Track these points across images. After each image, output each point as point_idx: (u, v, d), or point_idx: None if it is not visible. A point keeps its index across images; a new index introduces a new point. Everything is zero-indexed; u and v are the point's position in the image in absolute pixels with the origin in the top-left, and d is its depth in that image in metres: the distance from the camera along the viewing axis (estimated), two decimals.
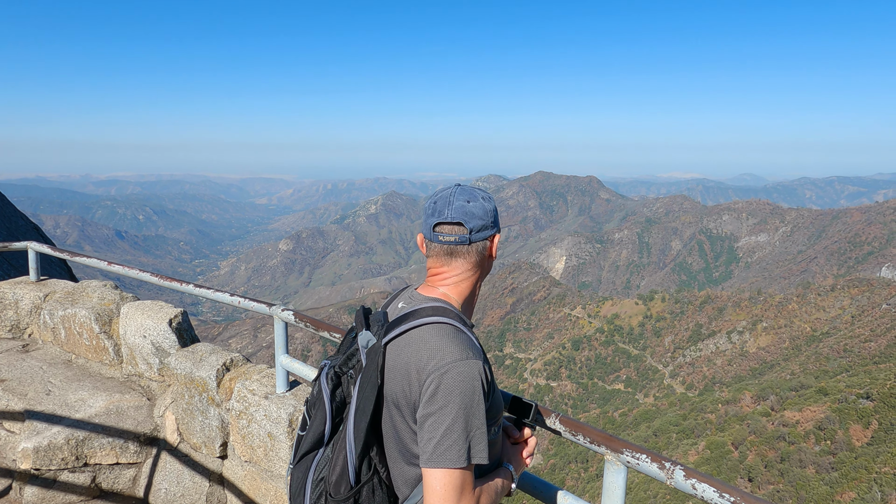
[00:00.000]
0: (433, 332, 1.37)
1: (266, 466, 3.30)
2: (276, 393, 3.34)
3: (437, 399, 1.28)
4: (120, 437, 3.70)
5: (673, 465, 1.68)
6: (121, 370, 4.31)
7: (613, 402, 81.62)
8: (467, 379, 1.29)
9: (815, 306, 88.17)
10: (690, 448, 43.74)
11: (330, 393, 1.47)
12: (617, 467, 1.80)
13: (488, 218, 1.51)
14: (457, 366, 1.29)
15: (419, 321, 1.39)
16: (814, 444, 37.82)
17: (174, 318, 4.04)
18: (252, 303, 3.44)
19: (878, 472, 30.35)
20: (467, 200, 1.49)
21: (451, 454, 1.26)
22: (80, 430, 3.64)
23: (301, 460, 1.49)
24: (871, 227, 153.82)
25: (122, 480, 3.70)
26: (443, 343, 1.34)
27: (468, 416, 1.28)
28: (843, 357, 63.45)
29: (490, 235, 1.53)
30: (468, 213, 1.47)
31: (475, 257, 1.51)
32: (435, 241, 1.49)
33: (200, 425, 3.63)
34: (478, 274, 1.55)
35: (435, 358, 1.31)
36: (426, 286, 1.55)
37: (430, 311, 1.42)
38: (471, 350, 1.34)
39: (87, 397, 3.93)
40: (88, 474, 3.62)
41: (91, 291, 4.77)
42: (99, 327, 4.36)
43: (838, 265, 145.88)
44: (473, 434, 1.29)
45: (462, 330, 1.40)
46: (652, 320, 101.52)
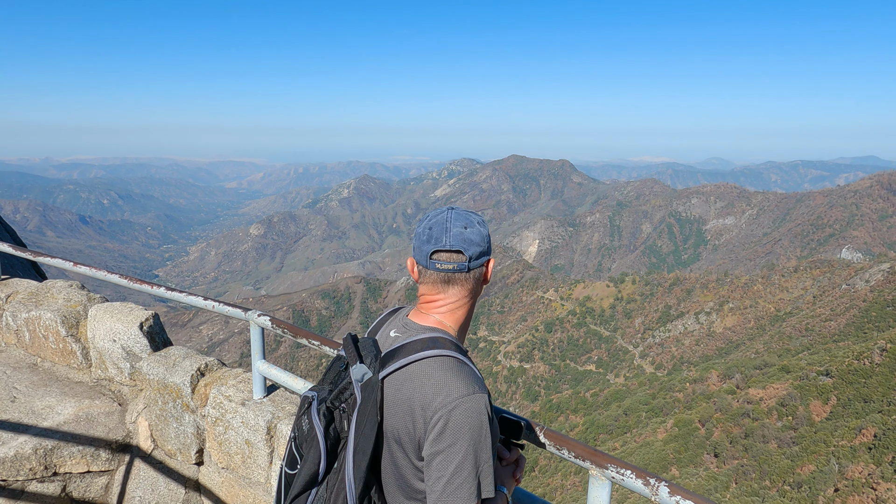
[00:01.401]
0: (436, 365, 1.32)
1: (244, 473, 3.25)
2: (253, 399, 3.28)
3: (445, 437, 1.24)
4: (91, 444, 3.60)
5: (658, 482, 1.69)
6: (90, 375, 4.18)
7: (585, 383, 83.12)
8: (475, 415, 1.25)
9: (778, 287, 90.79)
10: (659, 426, 44.83)
11: (324, 430, 1.38)
12: (601, 482, 1.81)
13: (485, 244, 1.47)
14: (464, 401, 1.25)
15: (419, 354, 1.34)
16: (776, 420, 39.14)
17: (145, 321, 3.92)
18: (227, 307, 3.36)
19: (836, 445, 31.58)
20: (465, 227, 1.44)
21: (463, 493, 1.23)
22: (48, 438, 3.52)
23: (293, 501, 1.41)
24: (832, 210, 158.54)
25: (94, 489, 3.60)
26: (447, 378, 1.29)
27: (477, 452, 1.25)
28: (804, 336, 65.66)
29: (486, 261, 1.50)
30: (467, 241, 1.42)
31: (472, 284, 1.47)
32: (431, 269, 1.44)
33: (175, 432, 3.55)
34: (473, 300, 1.51)
35: (441, 394, 1.26)
36: (419, 313, 1.49)
37: (428, 342, 1.37)
38: (476, 384, 1.30)
39: (54, 404, 3.81)
40: (58, 484, 3.51)
41: (56, 292, 4.60)
42: (66, 330, 4.22)
43: (801, 247, 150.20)
44: (482, 469, 1.27)
45: (464, 362, 1.36)
46: (623, 302, 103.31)
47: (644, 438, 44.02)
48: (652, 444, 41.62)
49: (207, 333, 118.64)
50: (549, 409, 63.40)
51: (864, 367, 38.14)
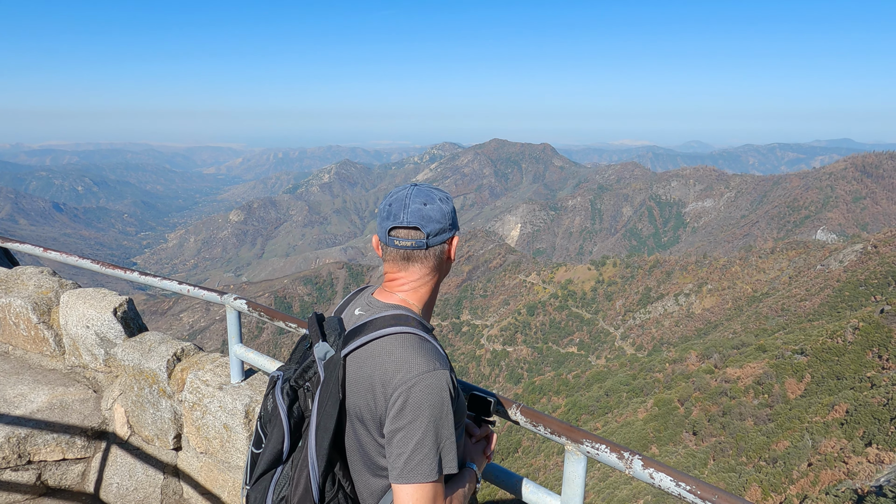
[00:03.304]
0: (397, 342, 1.32)
1: (223, 458, 3.23)
2: (230, 383, 3.25)
3: (405, 414, 1.24)
4: (65, 432, 3.55)
5: (631, 455, 1.71)
6: (63, 362, 4.11)
7: (567, 365, 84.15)
8: (435, 391, 1.26)
9: (756, 268, 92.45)
10: (640, 406, 45.66)
11: (287, 409, 1.38)
12: (577, 457, 1.83)
13: (446, 221, 1.45)
14: (424, 378, 1.26)
15: (381, 332, 1.33)
16: (753, 398, 40.08)
17: (119, 306, 3.85)
18: (203, 291, 3.31)
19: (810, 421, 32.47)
20: (424, 203, 1.42)
21: (423, 468, 1.24)
22: (21, 426, 3.46)
23: (259, 480, 1.41)
24: (808, 192, 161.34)
25: (70, 476, 3.56)
26: (408, 354, 1.29)
27: (438, 429, 1.26)
28: (780, 316, 67.09)
29: (448, 238, 1.48)
30: (425, 217, 1.41)
31: (433, 261, 1.46)
32: (391, 246, 1.43)
33: (152, 417, 3.51)
34: (436, 277, 1.51)
35: (401, 371, 1.27)
36: (384, 291, 1.49)
37: (390, 319, 1.36)
38: (437, 360, 1.31)
39: (27, 392, 3.74)
40: (33, 472, 3.46)
41: (27, 279, 4.49)
42: (37, 317, 4.13)
43: (778, 229, 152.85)
44: (444, 445, 1.28)
45: (426, 339, 1.35)
46: (604, 285, 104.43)
47: (625, 418, 44.81)
48: (633, 424, 42.40)
49: (188, 321, 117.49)
50: (531, 392, 64.12)
51: (838, 345, 39.16)
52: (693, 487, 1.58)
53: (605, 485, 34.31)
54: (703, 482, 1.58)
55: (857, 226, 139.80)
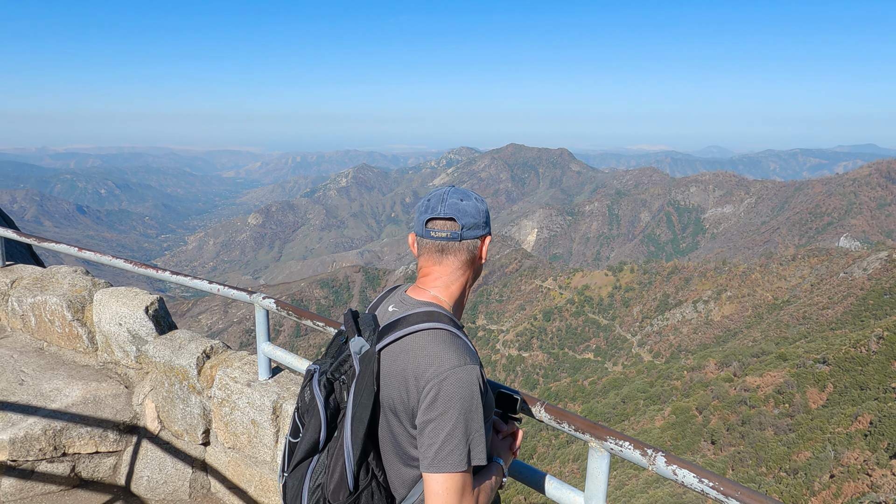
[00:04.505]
0: (429, 338, 1.37)
1: (250, 453, 3.32)
2: (258, 380, 3.34)
3: (436, 406, 1.30)
4: (98, 426, 3.67)
5: (655, 452, 1.75)
6: (96, 358, 4.24)
7: (583, 371, 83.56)
8: (466, 385, 1.31)
9: (776, 275, 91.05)
10: (657, 414, 45.18)
11: (324, 400, 1.45)
12: (601, 454, 1.87)
13: (480, 217, 1.52)
14: (455, 372, 1.31)
15: (414, 327, 1.39)
16: (773, 407, 39.44)
17: (150, 305, 3.97)
18: (232, 290, 3.41)
19: (832, 432, 31.87)
20: (460, 199, 1.51)
21: (453, 459, 1.29)
22: (57, 420, 3.59)
23: (296, 468, 1.48)
24: (831, 198, 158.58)
25: (103, 469, 3.68)
26: (440, 349, 1.34)
27: (467, 421, 1.31)
28: (802, 324, 65.97)
29: (481, 235, 1.54)
30: (461, 210, 1.49)
31: (465, 255, 1.52)
32: (426, 238, 1.51)
33: (182, 413, 3.61)
34: (468, 275, 1.56)
35: (433, 365, 1.32)
36: (416, 288, 1.56)
37: (423, 316, 1.42)
38: (468, 356, 1.36)
39: (62, 386, 3.87)
40: (67, 464, 3.59)
41: (61, 277, 4.64)
42: (71, 315, 4.27)
43: (800, 235, 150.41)
44: (473, 437, 1.32)
45: (457, 335, 1.41)
46: (621, 291, 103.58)
47: (642, 426, 44.35)
48: (650, 432, 41.94)
49: (206, 322, 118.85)
50: (547, 398, 63.78)
51: (861, 354, 38.37)
52: (716, 483, 1.61)
53: (622, 493, 33.98)
54: (727, 479, 1.61)
55: (882, 233, 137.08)
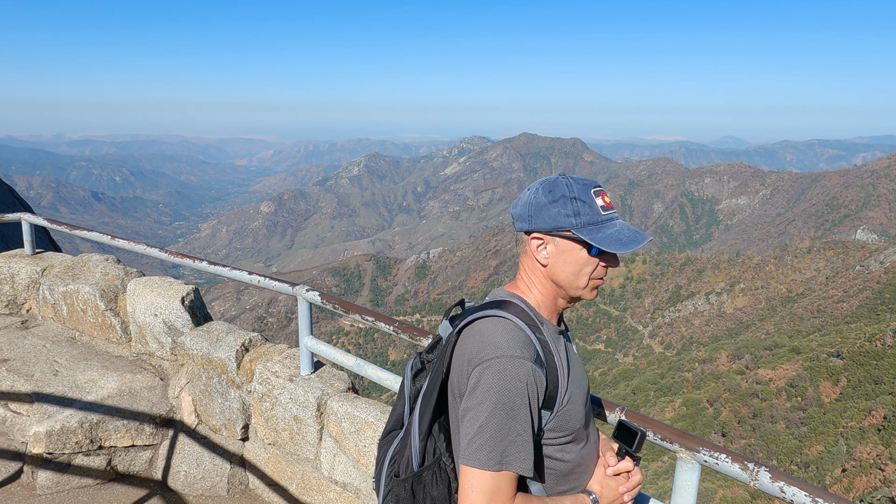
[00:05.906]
0: (490, 324, 1.28)
1: (292, 450, 3.23)
2: (300, 375, 3.24)
3: (476, 394, 1.20)
4: (134, 419, 3.59)
5: (757, 467, 1.61)
6: (129, 349, 4.17)
7: (594, 362, 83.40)
8: (509, 378, 1.19)
9: (791, 268, 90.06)
10: (667, 405, 44.96)
11: (411, 378, 1.50)
12: (691, 465, 1.75)
13: (525, 210, 1.35)
14: (500, 362, 1.20)
15: (482, 313, 1.32)
16: (785, 400, 39.12)
17: (186, 295, 3.89)
18: (273, 282, 3.31)
19: (845, 426, 31.55)
20: (527, 189, 1.39)
21: (481, 455, 1.17)
22: (92, 412, 3.52)
23: (386, 436, 1.54)
24: (848, 190, 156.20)
25: (139, 463, 3.61)
26: (494, 336, 1.25)
27: (505, 419, 1.18)
28: (816, 317, 65.27)
29: (525, 230, 1.37)
30: (516, 202, 1.41)
31: (523, 250, 1.41)
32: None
33: (220, 407, 3.53)
34: (542, 276, 1.39)
35: (483, 350, 1.23)
36: (512, 283, 1.48)
37: (497, 304, 1.36)
38: (524, 349, 1.23)
39: (97, 378, 3.80)
40: (104, 457, 3.52)
41: (93, 266, 4.57)
42: (104, 304, 4.19)
43: (815, 228, 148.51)
44: (512, 439, 1.18)
45: (521, 328, 1.28)
46: (633, 282, 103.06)
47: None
48: None
49: (220, 309, 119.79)
50: None
51: (876, 348, 37.90)
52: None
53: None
54: (844, 499, 1.48)
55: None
